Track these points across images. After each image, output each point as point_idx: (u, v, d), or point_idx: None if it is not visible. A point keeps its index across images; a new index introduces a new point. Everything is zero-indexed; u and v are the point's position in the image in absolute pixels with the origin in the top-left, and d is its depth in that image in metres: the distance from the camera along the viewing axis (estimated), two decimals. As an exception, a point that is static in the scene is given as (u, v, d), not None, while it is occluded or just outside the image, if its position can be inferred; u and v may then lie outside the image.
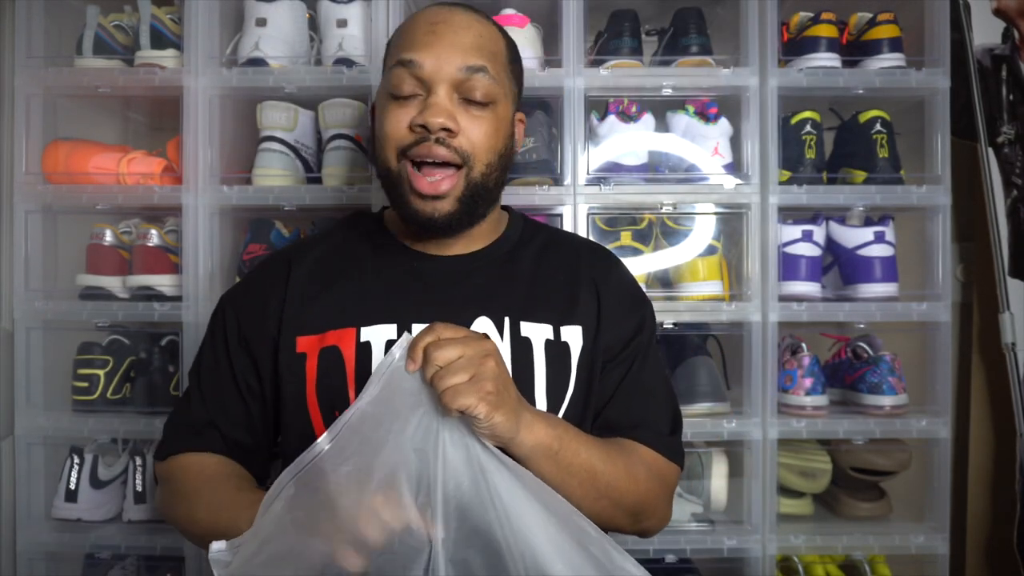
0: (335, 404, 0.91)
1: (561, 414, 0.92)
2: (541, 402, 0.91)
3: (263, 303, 0.96)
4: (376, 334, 0.91)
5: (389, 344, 0.90)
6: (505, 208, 1.07)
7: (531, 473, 0.77)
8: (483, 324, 0.92)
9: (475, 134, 0.90)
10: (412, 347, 0.76)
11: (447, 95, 0.89)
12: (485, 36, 0.93)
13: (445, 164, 0.90)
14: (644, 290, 1.07)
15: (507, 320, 0.93)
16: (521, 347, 0.92)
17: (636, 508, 0.91)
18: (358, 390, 0.87)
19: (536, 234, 1.05)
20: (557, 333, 0.94)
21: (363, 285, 0.95)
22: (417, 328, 0.89)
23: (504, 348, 0.91)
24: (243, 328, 0.97)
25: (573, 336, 0.95)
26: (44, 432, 1.48)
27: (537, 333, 0.93)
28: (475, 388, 0.73)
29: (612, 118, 1.47)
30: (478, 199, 0.92)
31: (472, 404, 0.72)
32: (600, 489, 0.87)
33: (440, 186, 0.89)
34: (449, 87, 0.89)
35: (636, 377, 0.99)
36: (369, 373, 0.86)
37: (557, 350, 0.93)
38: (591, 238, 1.44)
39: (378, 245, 1.00)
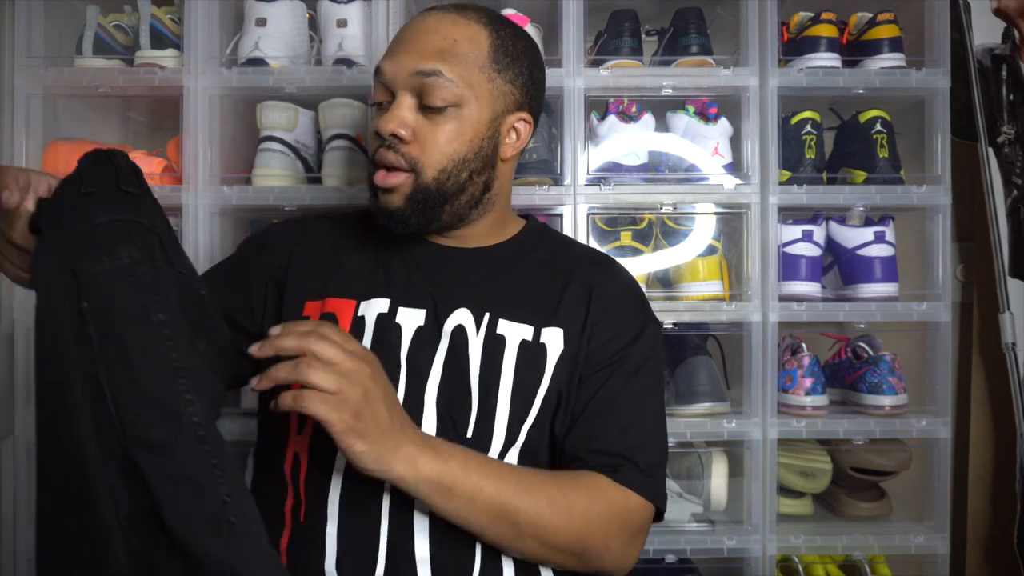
0: None
1: (532, 417, 0.91)
2: (505, 403, 0.90)
3: (279, 254, 1.01)
4: (370, 308, 0.93)
5: (380, 317, 0.92)
6: (526, 216, 1.08)
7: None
8: (462, 315, 0.93)
9: (428, 140, 0.91)
10: (283, 328, 0.75)
11: (405, 102, 0.91)
12: (452, 38, 0.91)
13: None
14: (650, 305, 1.02)
15: (487, 316, 0.93)
16: (493, 345, 0.92)
17: (576, 548, 0.84)
18: None
19: (545, 241, 1.05)
20: (537, 335, 0.93)
21: (367, 262, 0.98)
22: (404, 312, 0.92)
23: (477, 344, 0.92)
24: (249, 258, 1.04)
25: (552, 338, 0.93)
26: (44, 432, 1.47)
27: (514, 332, 0.93)
28: (336, 404, 0.73)
29: (612, 118, 1.47)
30: (431, 201, 0.92)
31: (327, 417, 0.72)
32: (520, 526, 0.81)
33: (389, 180, 0.91)
34: (408, 93, 0.91)
35: (617, 392, 0.92)
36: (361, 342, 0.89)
37: (532, 351, 0.92)
38: (591, 238, 1.45)
39: (387, 227, 1.01)
